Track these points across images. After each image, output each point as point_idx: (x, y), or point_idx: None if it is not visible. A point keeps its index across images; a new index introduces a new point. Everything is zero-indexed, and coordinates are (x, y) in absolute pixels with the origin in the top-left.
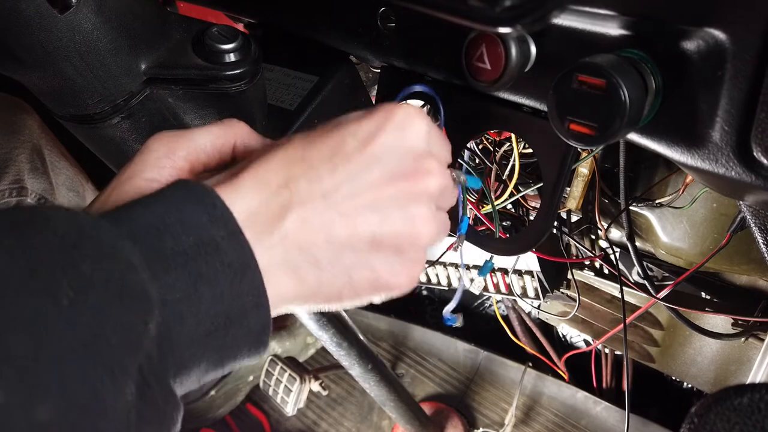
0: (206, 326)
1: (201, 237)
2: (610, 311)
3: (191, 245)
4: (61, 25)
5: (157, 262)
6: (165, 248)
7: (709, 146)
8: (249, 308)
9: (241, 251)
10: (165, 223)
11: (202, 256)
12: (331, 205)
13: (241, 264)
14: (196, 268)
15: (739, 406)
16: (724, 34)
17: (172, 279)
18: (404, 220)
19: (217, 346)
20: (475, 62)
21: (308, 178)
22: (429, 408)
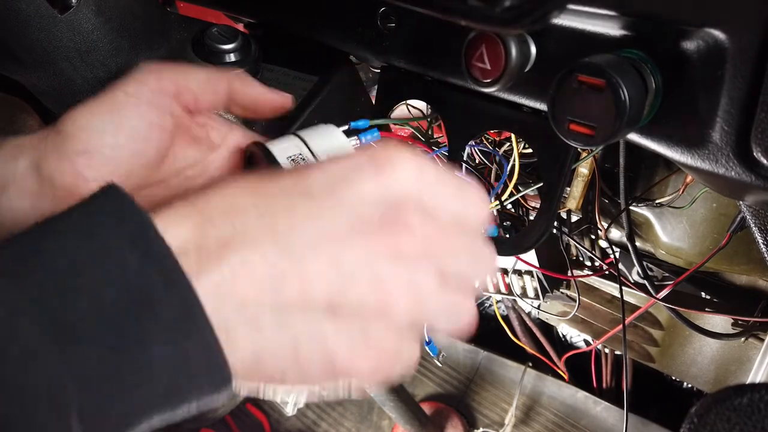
0: (143, 404)
1: (128, 288)
2: (610, 311)
3: (114, 302)
4: (61, 25)
5: (62, 334)
6: (74, 312)
7: (708, 146)
8: (199, 374)
9: (184, 301)
10: (79, 273)
11: (132, 311)
12: (284, 251)
13: (185, 319)
14: (120, 332)
15: (738, 406)
16: (723, 34)
17: (84, 354)
18: (371, 283)
19: (162, 416)
20: (475, 62)
21: (259, 213)
22: (429, 408)
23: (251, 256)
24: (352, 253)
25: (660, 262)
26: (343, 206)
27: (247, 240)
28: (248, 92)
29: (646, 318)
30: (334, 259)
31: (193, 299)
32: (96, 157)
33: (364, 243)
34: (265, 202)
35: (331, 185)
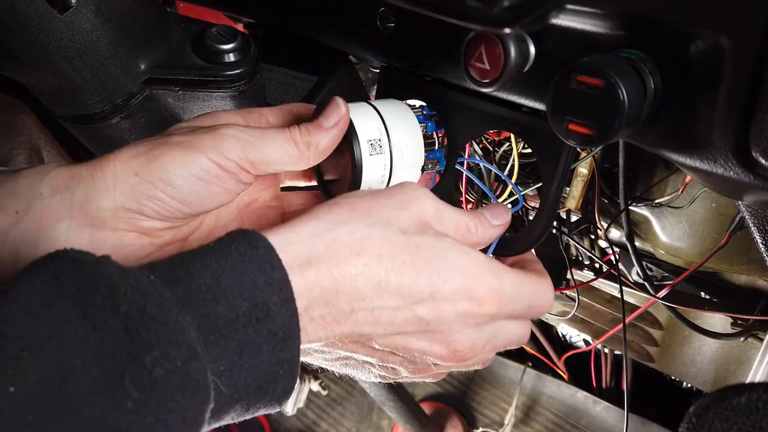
0: (238, 395)
1: (255, 302)
2: (610, 311)
3: (244, 312)
4: (60, 26)
5: (209, 332)
6: (218, 315)
7: (707, 146)
8: (281, 376)
9: (289, 319)
10: (221, 285)
11: (252, 324)
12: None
13: (285, 333)
14: (245, 336)
15: (737, 406)
16: (722, 35)
17: (221, 350)
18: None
19: (241, 410)
20: (474, 62)
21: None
22: (429, 408)
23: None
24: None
25: (659, 261)
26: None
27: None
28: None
29: (645, 318)
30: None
31: (296, 315)
32: (160, 203)
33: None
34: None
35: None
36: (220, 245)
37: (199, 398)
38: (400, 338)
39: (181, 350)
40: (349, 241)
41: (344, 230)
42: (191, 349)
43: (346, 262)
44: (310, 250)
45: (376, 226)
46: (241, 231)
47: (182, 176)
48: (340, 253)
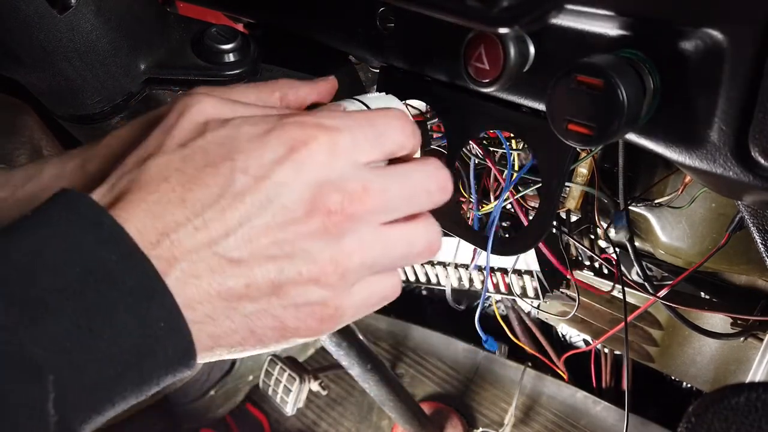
0: (113, 369)
1: (87, 264)
2: (610, 311)
3: (75, 278)
4: (60, 26)
5: (32, 309)
6: (42, 290)
7: (707, 146)
8: (162, 336)
9: (142, 272)
10: (40, 254)
11: (91, 285)
12: (221, 254)
13: (144, 287)
14: (83, 303)
15: (736, 406)
16: (722, 35)
17: (53, 324)
18: (307, 263)
19: (133, 383)
20: (474, 62)
21: (193, 226)
22: (428, 408)
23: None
24: (283, 241)
25: (659, 261)
26: (266, 202)
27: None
28: (300, 94)
29: (645, 318)
30: (267, 250)
31: (151, 270)
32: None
33: (292, 231)
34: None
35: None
36: (39, 210)
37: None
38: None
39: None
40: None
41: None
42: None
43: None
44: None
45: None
46: (62, 192)
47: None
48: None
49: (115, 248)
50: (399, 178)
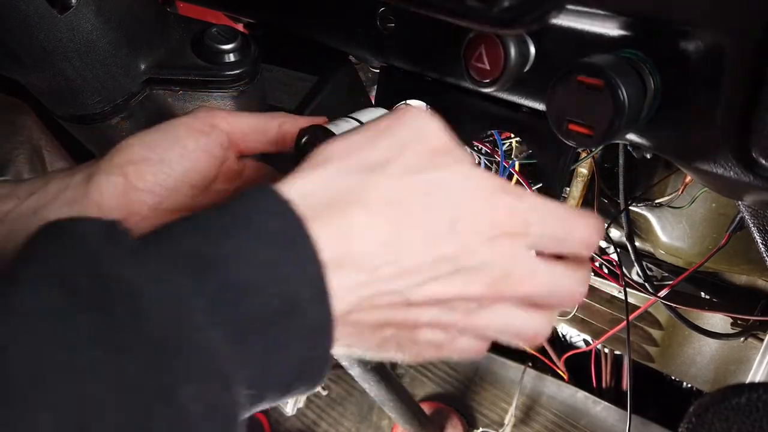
0: (264, 395)
1: (285, 297)
2: (610, 311)
3: (274, 309)
4: (60, 26)
5: (237, 334)
6: (248, 314)
7: (707, 146)
8: (312, 369)
9: (324, 314)
10: (253, 279)
11: (282, 321)
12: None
13: (320, 328)
14: (274, 335)
15: (737, 406)
16: (722, 35)
17: (248, 353)
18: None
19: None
20: (474, 62)
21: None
22: (428, 408)
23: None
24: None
25: (659, 261)
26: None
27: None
28: (298, 124)
29: (645, 318)
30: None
31: (330, 311)
32: (145, 167)
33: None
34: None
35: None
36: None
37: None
38: (435, 285)
39: (217, 383)
40: (352, 194)
41: (344, 183)
42: (224, 379)
43: (354, 215)
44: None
45: (376, 172)
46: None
47: (159, 137)
48: (345, 209)
49: (312, 285)
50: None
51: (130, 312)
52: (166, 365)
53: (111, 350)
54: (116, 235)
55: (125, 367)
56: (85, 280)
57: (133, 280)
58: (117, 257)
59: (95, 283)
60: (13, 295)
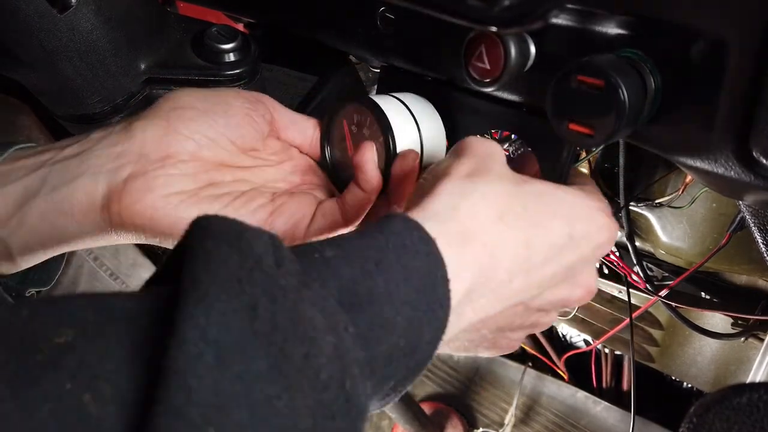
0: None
1: (413, 339)
2: (610, 311)
3: (399, 349)
4: (60, 25)
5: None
6: (381, 354)
7: (708, 146)
8: (398, 393)
9: (429, 354)
10: (395, 320)
11: (400, 359)
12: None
13: (420, 364)
14: (388, 372)
15: (738, 406)
16: (723, 34)
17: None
18: (550, 318)
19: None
20: (475, 62)
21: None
22: (429, 408)
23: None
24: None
25: (660, 261)
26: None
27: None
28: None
29: (645, 318)
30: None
31: (433, 354)
32: (189, 112)
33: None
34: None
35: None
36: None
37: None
38: (549, 293)
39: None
40: (484, 207)
41: (474, 198)
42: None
43: (493, 228)
44: (457, 227)
45: (495, 182)
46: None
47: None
48: (483, 221)
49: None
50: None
51: (307, 355)
52: (329, 417)
53: (285, 389)
54: (285, 258)
55: (296, 410)
56: (268, 309)
57: (313, 320)
58: (295, 290)
59: (277, 315)
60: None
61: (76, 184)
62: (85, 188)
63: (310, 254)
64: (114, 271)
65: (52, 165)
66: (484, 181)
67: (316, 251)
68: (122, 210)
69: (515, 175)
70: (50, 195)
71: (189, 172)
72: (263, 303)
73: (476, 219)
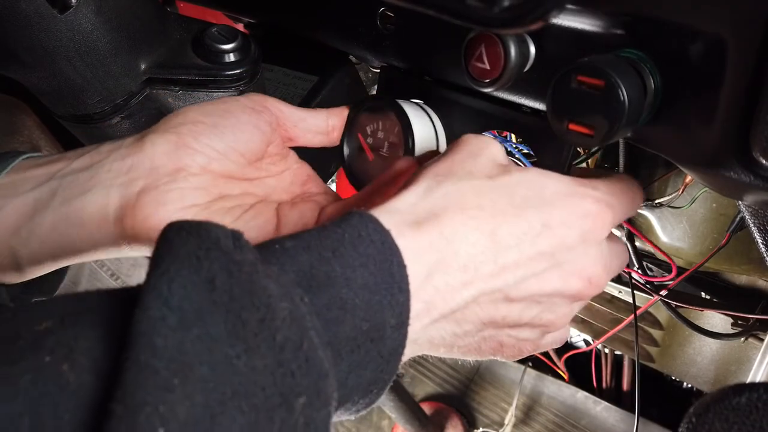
0: (341, 409)
1: (376, 323)
2: (610, 311)
3: (362, 332)
4: (60, 25)
5: (335, 356)
6: (344, 335)
7: (708, 146)
8: (379, 389)
9: (399, 341)
10: (354, 302)
11: (366, 345)
12: (506, 291)
13: (391, 354)
14: (357, 357)
15: (737, 406)
16: (723, 34)
17: (338, 372)
18: (551, 313)
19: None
20: (475, 62)
21: (494, 261)
22: (429, 408)
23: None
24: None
25: (660, 262)
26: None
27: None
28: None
29: (645, 318)
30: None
31: (405, 339)
32: (198, 127)
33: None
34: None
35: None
36: (351, 239)
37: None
38: (534, 282)
39: (323, 397)
40: (447, 202)
41: (436, 196)
42: (329, 396)
43: (453, 220)
44: (414, 218)
45: (463, 180)
46: (363, 220)
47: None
48: (440, 215)
49: (397, 315)
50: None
51: (263, 319)
52: (288, 375)
53: (244, 351)
54: (243, 243)
55: (256, 369)
56: (225, 282)
57: (267, 289)
58: (250, 265)
59: (234, 287)
60: (162, 287)
61: (88, 197)
62: (97, 202)
63: (270, 245)
64: (114, 271)
65: (62, 177)
66: (451, 180)
67: (276, 243)
68: (136, 224)
69: (496, 169)
70: (61, 207)
71: (200, 186)
72: (220, 276)
73: (434, 212)
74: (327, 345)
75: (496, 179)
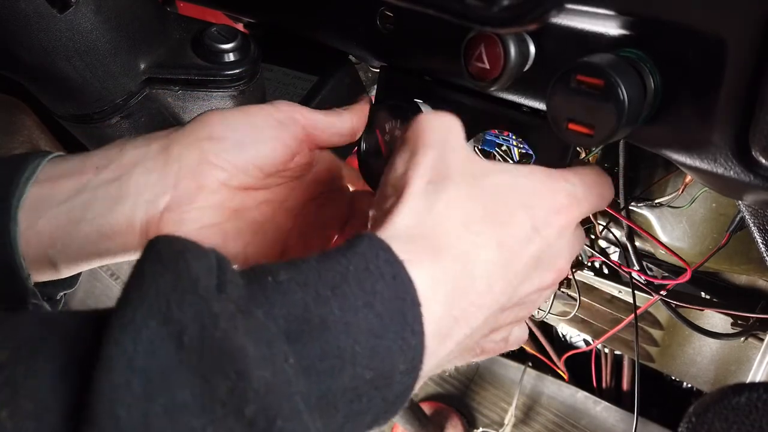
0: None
1: (381, 371)
2: (610, 311)
3: (365, 381)
4: (60, 25)
5: (324, 406)
6: (340, 387)
7: (707, 146)
8: (380, 424)
9: (409, 384)
10: (353, 351)
11: (369, 392)
12: (505, 304)
13: (400, 396)
14: (358, 406)
15: (737, 405)
16: (723, 34)
17: (329, 421)
18: (530, 310)
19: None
20: (474, 62)
21: (505, 278)
22: (429, 408)
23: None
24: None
25: (660, 261)
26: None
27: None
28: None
29: (645, 318)
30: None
31: (413, 386)
32: (221, 144)
33: (538, 285)
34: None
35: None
36: (357, 272)
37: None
38: (526, 286)
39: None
40: (449, 217)
41: (439, 208)
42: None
43: (462, 239)
44: (425, 242)
45: (457, 184)
46: (372, 248)
47: (239, 120)
48: (450, 233)
49: (409, 361)
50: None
51: (233, 389)
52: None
53: (210, 422)
54: (229, 279)
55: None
56: (196, 338)
57: (244, 350)
58: (228, 318)
59: (205, 347)
60: (127, 343)
61: (117, 211)
62: (125, 215)
63: (261, 278)
64: (114, 271)
65: (93, 190)
66: (445, 185)
67: (269, 274)
68: None
69: (472, 166)
70: (94, 221)
71: (218, 203)
72: (191, 330)
73: (444, 231)
74: (318, 401)
75: (479, 180)
